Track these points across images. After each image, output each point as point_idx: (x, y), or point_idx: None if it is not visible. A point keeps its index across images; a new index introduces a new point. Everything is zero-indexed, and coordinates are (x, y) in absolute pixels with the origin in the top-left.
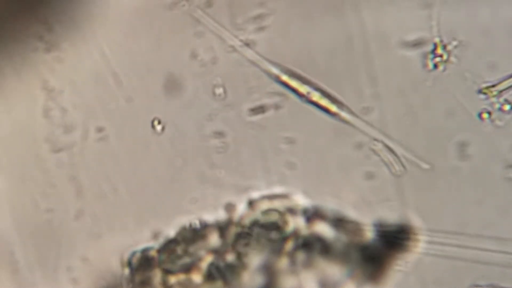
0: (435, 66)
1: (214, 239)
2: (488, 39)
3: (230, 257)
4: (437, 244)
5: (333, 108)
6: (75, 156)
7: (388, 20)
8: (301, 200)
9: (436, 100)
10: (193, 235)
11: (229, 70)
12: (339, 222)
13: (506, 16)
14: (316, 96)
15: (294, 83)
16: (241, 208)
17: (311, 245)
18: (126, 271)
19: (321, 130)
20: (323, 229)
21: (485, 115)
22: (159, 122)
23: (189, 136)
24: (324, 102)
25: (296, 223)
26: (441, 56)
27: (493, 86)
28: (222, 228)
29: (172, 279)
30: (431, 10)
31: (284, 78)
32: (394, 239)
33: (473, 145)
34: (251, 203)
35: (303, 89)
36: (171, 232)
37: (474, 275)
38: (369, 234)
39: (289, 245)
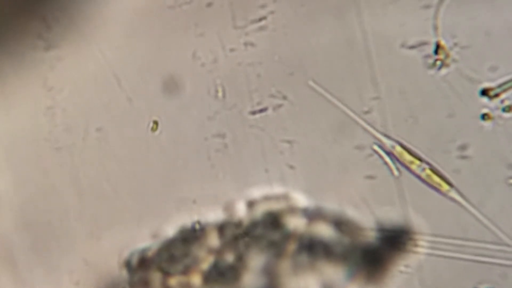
0: (436, 67)
1: (213, 240)
2: (489, 40)
3: (230, 258)
4: (438, 245)
5: (445, 186)
6: (75, 155)
7: (390, 21)
8: (301, 201)
9: (437, 101)
10: (193, 235)
11: (230, 71)
12: (339, 223)
13: (507, 18)
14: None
15: (407, 157)
16: (241, 208)
17: (312, 247)
18: (125, 271)
19: (321, 131)
20: (324, 230)
21: (486, 116)
22: (158, 123)
23: (189, 137)
24: (435, 178)
25: (296, 223)
26: (442, 57)
27: (494, 87)
28: (221, 228)
29: (172, 280)
30: (433, 12)
31: (398, 150)
32: (395, 240)
33: (473, 146)
34: (251, 204)
35: (416, 163)
36: (171, 233)
37: (475, 277)
38: (370, 235)
39: (290, 246)
